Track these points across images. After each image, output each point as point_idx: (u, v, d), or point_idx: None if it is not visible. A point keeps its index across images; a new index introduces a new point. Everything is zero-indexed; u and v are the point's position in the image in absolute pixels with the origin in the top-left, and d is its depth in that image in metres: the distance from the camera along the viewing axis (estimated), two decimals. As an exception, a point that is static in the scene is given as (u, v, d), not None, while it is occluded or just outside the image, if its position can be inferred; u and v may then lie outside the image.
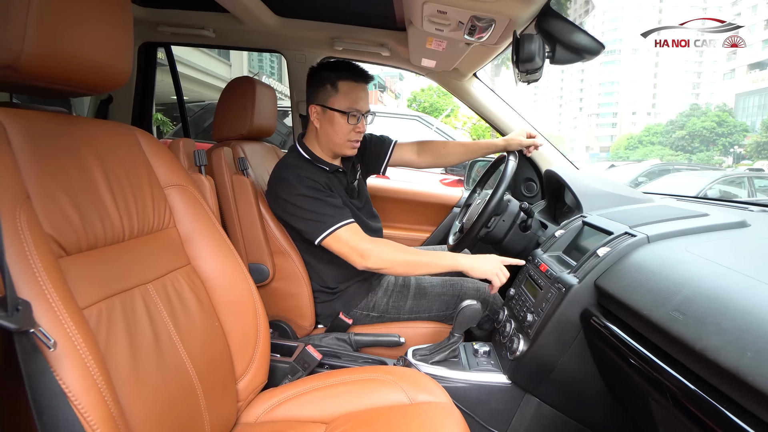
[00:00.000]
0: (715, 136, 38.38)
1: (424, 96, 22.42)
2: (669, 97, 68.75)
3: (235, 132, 1.34)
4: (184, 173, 0.90)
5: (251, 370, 0.93)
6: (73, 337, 0.51)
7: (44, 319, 0.49)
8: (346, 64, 1.21)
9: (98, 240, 0.66)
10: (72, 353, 0.50)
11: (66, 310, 0.52)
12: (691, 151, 39.46)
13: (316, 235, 1.15)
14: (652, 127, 48.64)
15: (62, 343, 0.49)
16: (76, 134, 0.69)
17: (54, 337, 0.48)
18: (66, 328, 0.50)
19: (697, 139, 39.10)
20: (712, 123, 38.53)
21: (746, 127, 39.59)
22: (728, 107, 44.07)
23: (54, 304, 0.51)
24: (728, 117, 39.97)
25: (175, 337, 0.75)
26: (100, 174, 0.70)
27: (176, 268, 0.82)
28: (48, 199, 0.59)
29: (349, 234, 1.15)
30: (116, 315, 0.65)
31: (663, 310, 0.67)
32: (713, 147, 38.75)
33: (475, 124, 16.51)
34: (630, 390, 0.81)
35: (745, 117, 43.46)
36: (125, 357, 0.63)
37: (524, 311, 1.04)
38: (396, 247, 1.17)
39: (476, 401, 1.03)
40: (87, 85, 0.70)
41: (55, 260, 0.56)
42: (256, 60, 15.58)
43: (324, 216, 1.14)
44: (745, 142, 37.53)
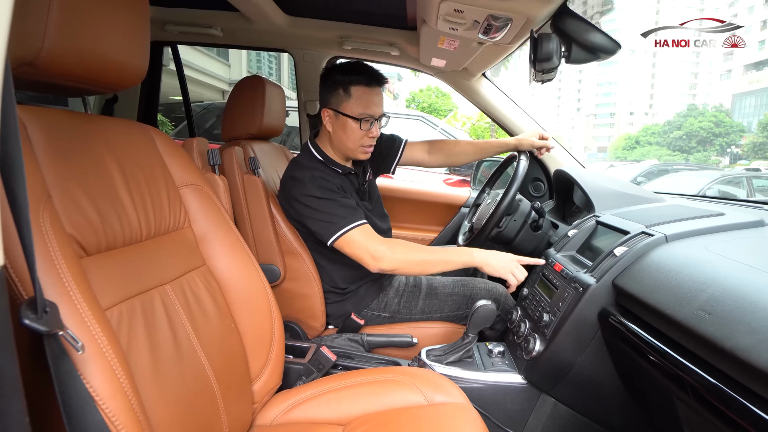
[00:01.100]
0: (712, 137, 38.53)
1: (423, 96, 22.43)
2: (666, 97, 68.95)
3: (244, 131, 1.33)
4: (198, 173, 0.89)
5: (266, 371, 0.92)
6: (99, 339, 0.50)
7: (70, 321, 0.48)
8: (359, 67, 1.19)
9: (117, 240, 0.66)
10: (98, 356, 0.49)
11: (91, 312, 0.51)
12: (689, 151, 39.60)
13: (329, 236, 1.13)
14: (649, 128, 48.78)
15: (89, 345, 0.48)
16: (93, 133, 0.68)
17: (81, 340, 0.47)
18: (92, 330, 0.49)
19: (694, 140, 39.25)
20: (709, 123, 38.67)
21: (743, 128, 39.76)
22: (725, 108, 44.29)
23: (79, 306, 0.50)
24: (725, 117, 40.12)
25: (193, 339, 0.74)
26: (118, 173, 0.69)
27: (192, 269, 0.81)
28: (68, 199, 0.59)
29: (362, 235, 1.13)
30: (136, 317, 0.64)
31: (688, 309, 0.67)
32: (710, 147, 38.90)
33: (474, 125, 16.51)
34: (652, 389, 0.80)
35: (742, 117, 43.64)
36: (146, 359, 0.63)
37: (539, 311, 1.04)
38: (409, 247, 1.15)
39: (492, 401, 1.02)
40: (105, 83, 0.69)
41: (78, 261, 0.55)
42: (254, 60, 15.54)
43: (336, 217, 1.13)
44: (741, 143, 37.69)
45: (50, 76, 0.61)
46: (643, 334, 0.74)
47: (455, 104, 23.86)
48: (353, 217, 1.14)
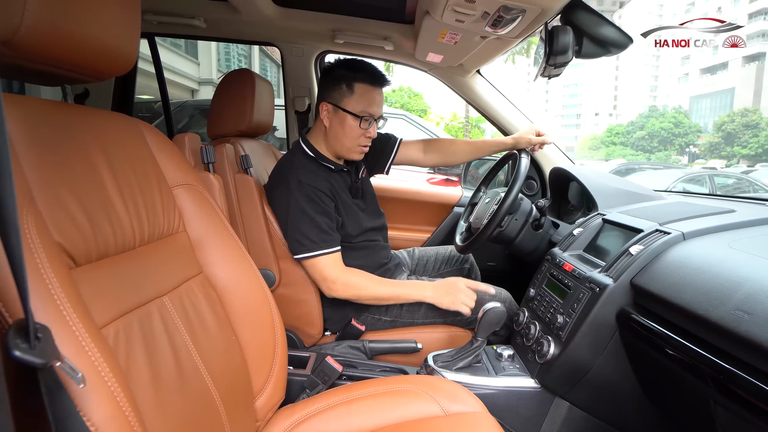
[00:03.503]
0: (672, 137, 40.28)
1: (396, 97, 22.46)
2: (629, 99, 71.67)
3: (233, 128, 1.25)
4: (192, 171, 0.82)
5: (269, 386, 0.85)
6: (100, 367, 0.42)
7: (67, 347, 0.40)
8: (364, 65, 1.16)
9: (109, 248, 0.57)
10: (101, 388, 0.41)
11: (89, 333, 0.43)
12: (651, 150, 41.25)
13: (295, 252, 1.14)
14: (613, 128, 50.56)
15: (90, 375, 0.41)
16: (80, 126, 0.60)
17: (81, 369, 0.39)
18: (91, 356, 0.42)
19: (656, 139, 40.93)
20: (669, 124, 40.43)
21: (699, 128, 41.74)
22: (683, 109, 46.40)
23: (75, 328, 0.42)
24: (684, 118, 42.04)
25: (195, 356, 0.67)
26: (108, 172, 0.61)
27: (190, 277, 0.73)
28: (54, 200, 0.50)
29: (327, 263, 1.14)
30: (134, 334, 0.56)
31: (723, 309, 0.65)
32: (671, 147, 40.66)
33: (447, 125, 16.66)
34: (678, 392, 0.78)
35: (699, 118, 45.86)
36: (147, 382, 0.55)
37: (551, 312, 1.01)
38: (367, 282, 1.17)
39: (505, 407, 0.99)
40: (89, 69, 0.61)
41: (68, 273, 0.47)
42: (224, 59, 15.15)
43: (307, 240, 1.13)
44: (699, 142, 39.59)
45: (29, 59, 0.52)
46: (674, 337, 0.72)
47: (427, 104, 24.04)
48: (325, 244, 1.14)
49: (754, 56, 41.95)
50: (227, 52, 15.44)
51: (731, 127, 32.60)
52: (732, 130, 32.48)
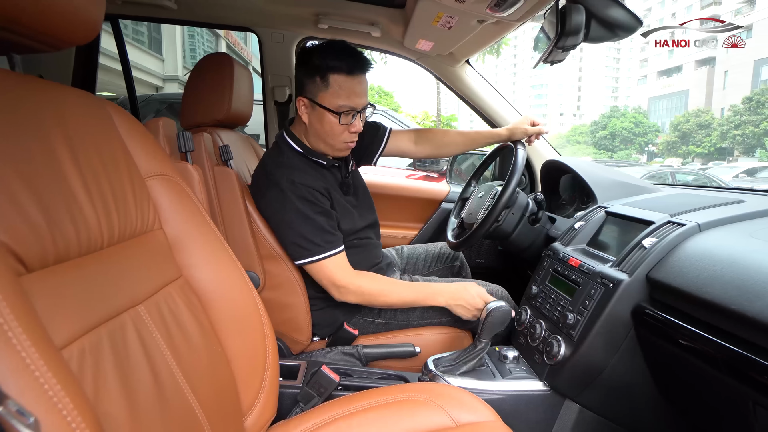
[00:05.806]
0: (632, 136, 41.95)
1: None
2: (592, 99, 74.27)
3: (210, 117, 1.13)
4: (168, 160, 0.71)
5: (260, 401, 0.75)
6: (61, 403, 0.32)
7: (13, 382, 0.30)
8: (339, 50, 1.02)
9: (71, 249, 0.47)
10: (61, 429, 0.31)
11: (43, 360, 0.33)
12: (613, 149, 42.79)
13: (299, 258, 1.06)
14: (578, 128, 52.24)
15: (45, 417, 0.31)
16: (38, 102, 0.49)
17: (33, 411, 0.30)
18: (48, 390, 0.32)
19: (618, 139, 42.49)
20: (630, 124, 42.08)
21: (658, 128, 43.68)
22: (643, 110, 48.42)
23: (25, 354, 0.32)
24: (643, 118, 43.87)
25: (176, 373, 0.57)
26: (69, 157, 0.51)
27: (169, 282, 0.63)
28: (1, 191, 0.40)
29: (333, 265, 1.05)
30: (104, 353, 0.46)
31: (761, 303, 0.60)
32: (631, 146, 42.35)
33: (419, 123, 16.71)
34: (708, 392, 0.74)
35: (657, 118, 47.99)
36: (120, 409, 0.45)
37: (559, 311, 0.96)
38: (382, 287, 1.09)
39: (513, 412, 0.92)
40: (46, 34, 0.50)
41: (16, 281, 0.37)
42: (189, 55, 14.61)
43: (310, 243, 1.03)
44: (657, 141, 41.44)
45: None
46: (704, 334, 0.67)
47: (398, 103, 24.04)
48: (329, 245, 1.05)
49: (705, 60, 44.28)
50: (193, 48, 14.93)
51: (686, 126, 34.28)
52: (687, 130, 34.17)
